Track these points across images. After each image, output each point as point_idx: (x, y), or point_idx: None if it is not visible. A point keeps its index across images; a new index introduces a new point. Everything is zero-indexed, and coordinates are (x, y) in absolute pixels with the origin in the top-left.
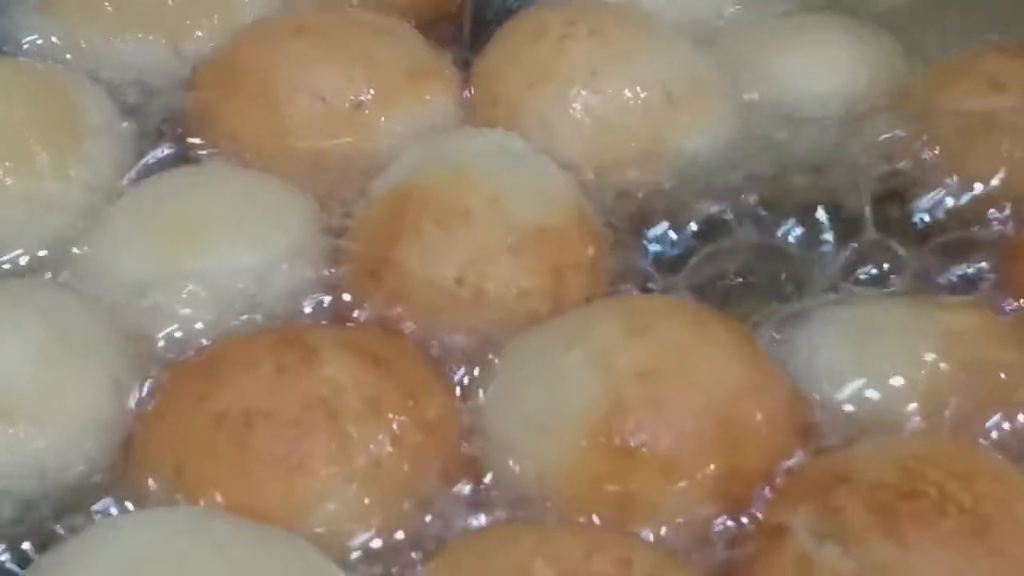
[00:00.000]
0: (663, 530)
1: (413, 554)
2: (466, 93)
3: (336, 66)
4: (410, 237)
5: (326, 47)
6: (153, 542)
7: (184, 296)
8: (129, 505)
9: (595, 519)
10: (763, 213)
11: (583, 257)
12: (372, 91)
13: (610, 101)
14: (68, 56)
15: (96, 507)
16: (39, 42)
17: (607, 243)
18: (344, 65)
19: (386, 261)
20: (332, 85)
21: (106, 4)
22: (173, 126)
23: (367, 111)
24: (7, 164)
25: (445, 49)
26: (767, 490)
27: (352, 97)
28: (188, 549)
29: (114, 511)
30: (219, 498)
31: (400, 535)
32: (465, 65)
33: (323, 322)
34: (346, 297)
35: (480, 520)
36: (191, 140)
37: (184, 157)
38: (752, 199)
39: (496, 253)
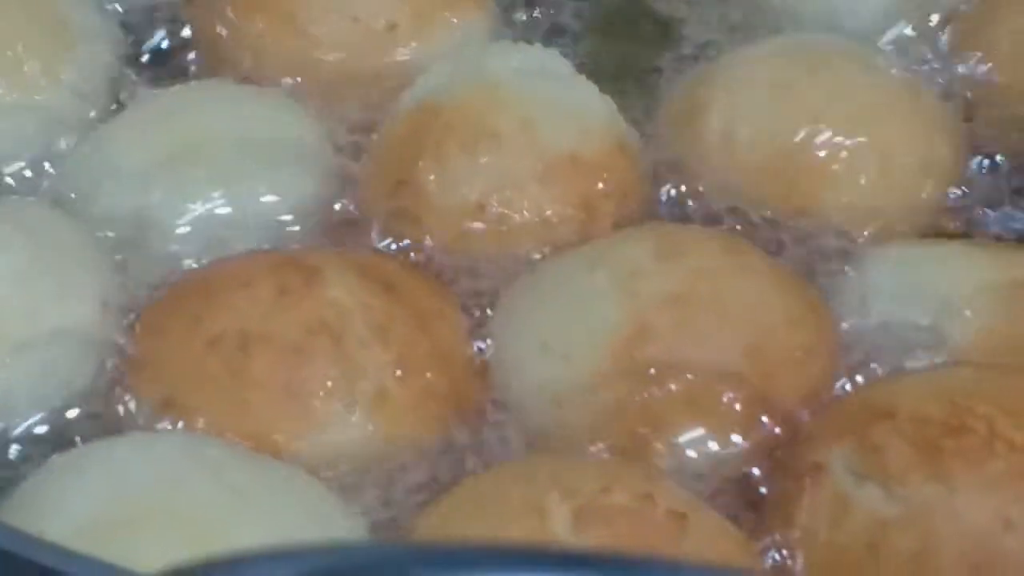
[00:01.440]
0: (688, 464)
1: (421, 488)
2: None
3: None
4: (432, 157)
5: None
6: (146, 465)
7: (182, 214)
8: (116, 431)
9: (615, 451)
10: None
11: (618, 189)
12: (406, 11)
13: None
14: None
15: (81, 433)
16: None
17: (648, 176)
18: None
19: (404, 182)
20: (365, 4)
21: None
22: (174, 30)
23: (401, 33)
24: None
25: None
26: (803, 424)
27: (386, 17)
28: (183, 473)
29: (101, 437)
30: (211, 427)
31: (407, 469)
32: None
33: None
34: (358, 220)
35: (493, 454)
36: (191, 46)
37: (183, 65)
38: None
39: (524, 180)
